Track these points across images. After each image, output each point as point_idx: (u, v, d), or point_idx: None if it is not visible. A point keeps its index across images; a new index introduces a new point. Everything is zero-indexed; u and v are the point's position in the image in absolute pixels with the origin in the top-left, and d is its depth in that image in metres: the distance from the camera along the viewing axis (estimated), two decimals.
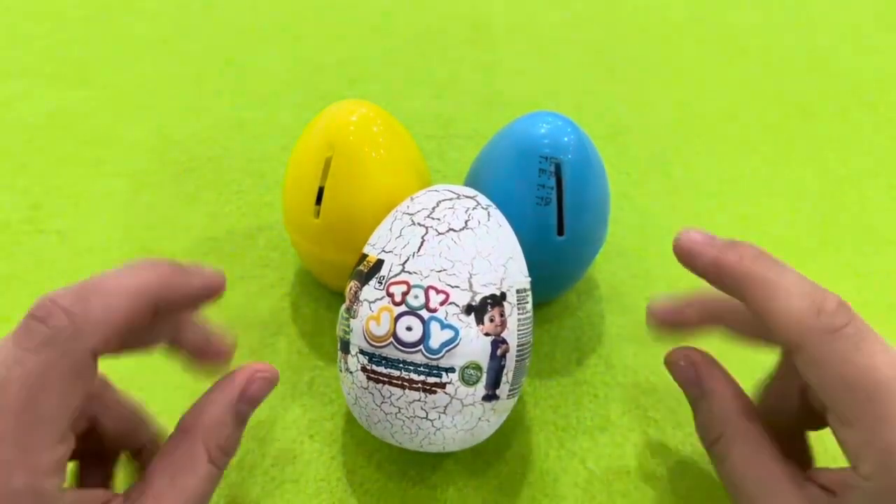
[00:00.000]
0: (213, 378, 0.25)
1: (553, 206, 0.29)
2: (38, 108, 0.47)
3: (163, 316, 0.22)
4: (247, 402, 0.24)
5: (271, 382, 0.25)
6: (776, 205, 0.42)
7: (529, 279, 0.27)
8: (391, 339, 0.24)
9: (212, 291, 0.24)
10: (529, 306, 0.27)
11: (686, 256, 0.24)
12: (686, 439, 0.30)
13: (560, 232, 0.30)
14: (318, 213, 0.30)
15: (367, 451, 0.29)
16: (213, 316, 0.34)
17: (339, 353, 0.26)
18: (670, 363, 0.27)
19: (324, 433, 0.30)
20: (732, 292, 0.24)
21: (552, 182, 0.29)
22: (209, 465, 0.22)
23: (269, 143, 0.45)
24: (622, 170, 0.44)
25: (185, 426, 0.23)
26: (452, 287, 0.24)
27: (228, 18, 0.57)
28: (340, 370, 0.27)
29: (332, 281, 0.34)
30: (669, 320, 0.28)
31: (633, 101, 0.50)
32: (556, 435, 0.30)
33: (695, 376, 0.26)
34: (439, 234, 0.25)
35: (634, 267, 0.38)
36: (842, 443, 0.22)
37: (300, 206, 0.31)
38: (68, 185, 0.41)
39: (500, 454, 0.29)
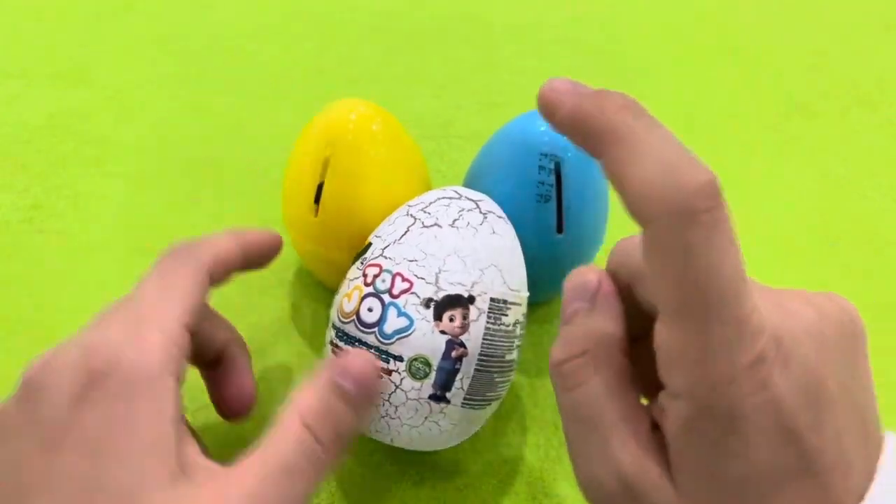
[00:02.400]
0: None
1: (552, 204, 0.29)
2: (38, 108, 0.47)
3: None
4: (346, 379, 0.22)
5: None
6: (776, 205, 0.42)
7: (520, 293, 0.26)
8: (354, 316, 0.25)
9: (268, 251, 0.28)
10: (508, 320, 0.25)
11: (547, 109, 0.19)
12: None
13: (559, 229, 0.30)
14: (316, 212, 0.30)
15: (367, 451, 0.29)
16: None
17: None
18: (574, 273, 0.22)
19: None
20: (593, 151, 0.19)
21: (551, 179, 0.29)
22: (302, 428, 0.21)
23: (269, 143, 0.45)
24: None
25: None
26: (418, 278, 0.24)
27: (228, 19, 0.57)
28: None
29: (331, 280, 0.34)
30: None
31: None
32: (556, 435, 0.30)
33: (595, 288, 0.22)
34: (424, 226, 0.26)
35: None
36: (658, 348, 0.18)
37: (299, 204, 0.31)
38: (68, 185, 0.41)
39: (500, 454, 0.29)
